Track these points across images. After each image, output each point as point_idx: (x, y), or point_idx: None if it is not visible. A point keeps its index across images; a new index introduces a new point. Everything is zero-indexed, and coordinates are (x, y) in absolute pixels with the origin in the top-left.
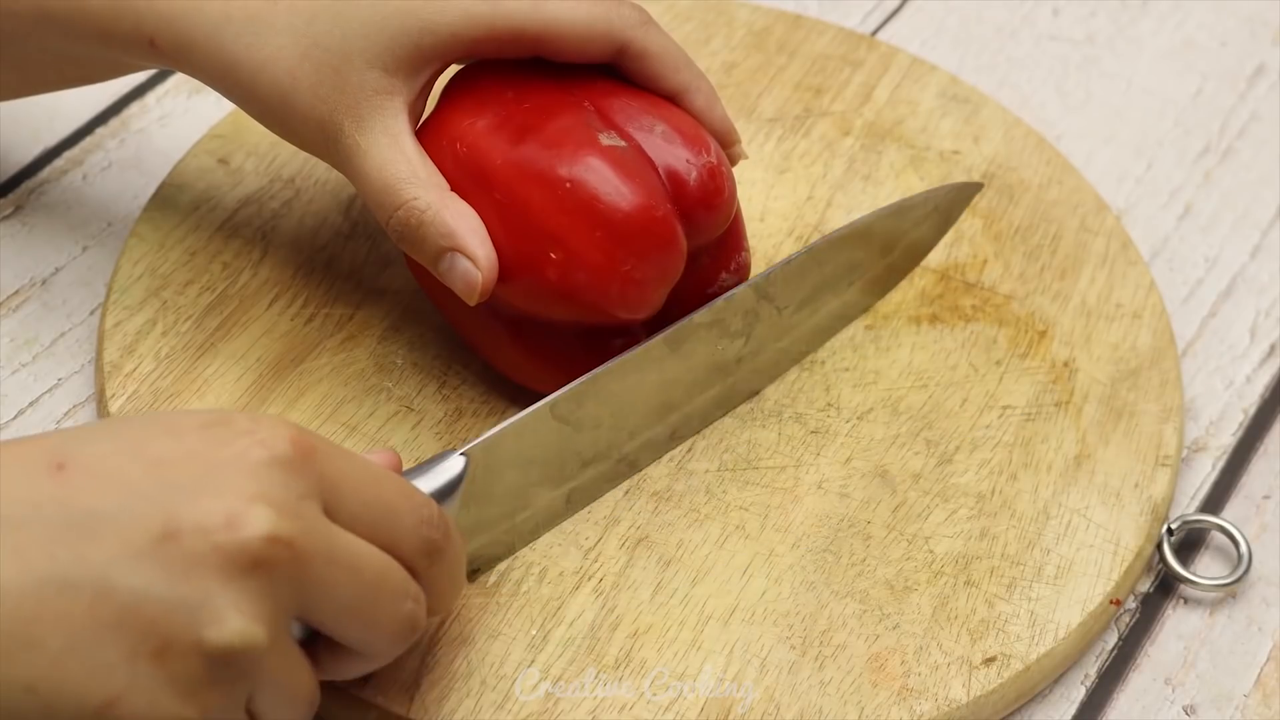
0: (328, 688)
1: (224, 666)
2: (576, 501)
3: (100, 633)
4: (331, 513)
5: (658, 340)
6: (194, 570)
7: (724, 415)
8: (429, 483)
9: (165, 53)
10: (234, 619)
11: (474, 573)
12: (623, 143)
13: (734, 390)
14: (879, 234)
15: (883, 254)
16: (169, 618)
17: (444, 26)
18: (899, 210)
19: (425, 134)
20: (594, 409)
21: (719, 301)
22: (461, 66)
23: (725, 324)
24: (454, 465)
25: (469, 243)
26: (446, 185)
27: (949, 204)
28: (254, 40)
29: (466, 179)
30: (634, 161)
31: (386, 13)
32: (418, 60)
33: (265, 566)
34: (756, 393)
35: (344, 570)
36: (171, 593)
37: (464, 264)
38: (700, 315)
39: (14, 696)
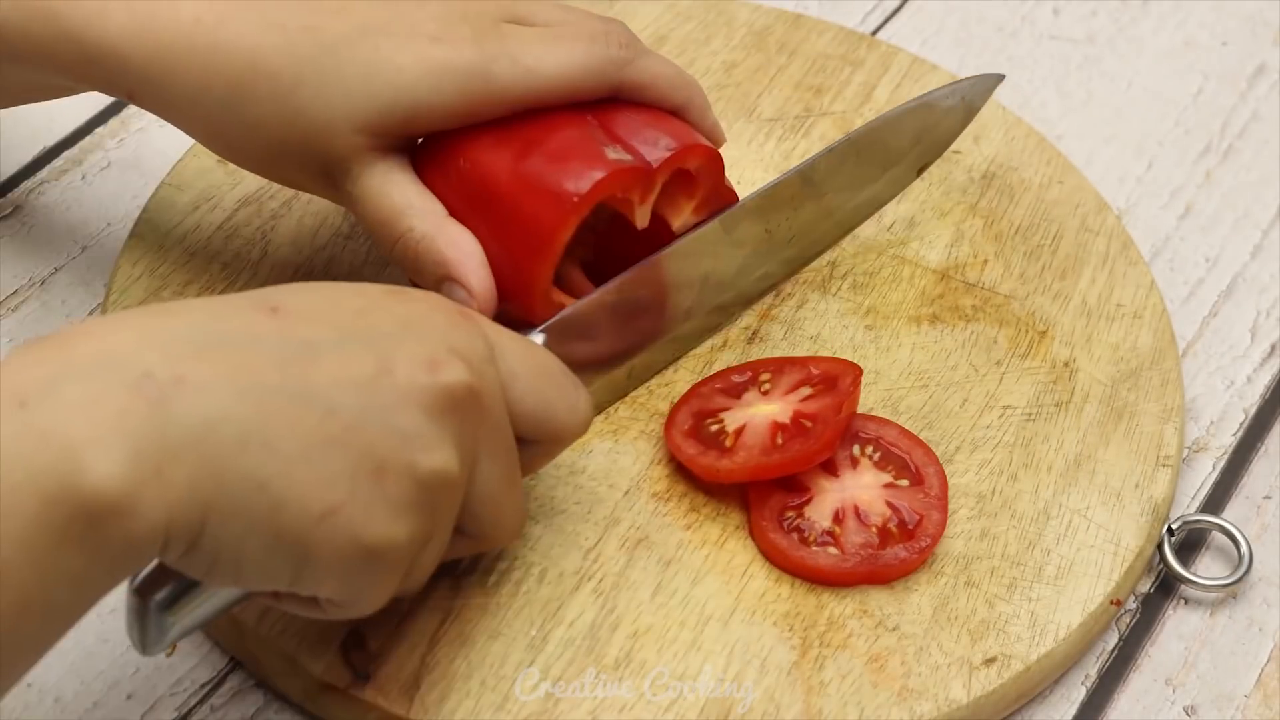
0: (329, 688)
1: (429, 491)
2: (637, 377)
3: (328, 447)
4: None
5: (714, 224)
6: (405, 405)
7: (770, 292)
8: None
9: (146, 106)
10: (441, 448)
11: None
12: (628, 156)
13: (778, 267)
14: (910, 125)
15: (913, 143)
16: (386, 442)
17: (439, 107)
18: (927, 103)
19: (427, 150)
20: (650, 294)
21: (767, 187)
22: None
23: (773, 207)
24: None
25: (462, 273)
26: (444, 212)
27: (973, 95)
28: (238, 107)
29: (469, 194)
30: (638, 175)
31: (375, 87)
32: (407, 131)
33: (460, 411)
34: (799, 269)
35: (504, 445)
36: (388, 422)
37: (460, 293)
38: (750, 200)
39: (247, 491)
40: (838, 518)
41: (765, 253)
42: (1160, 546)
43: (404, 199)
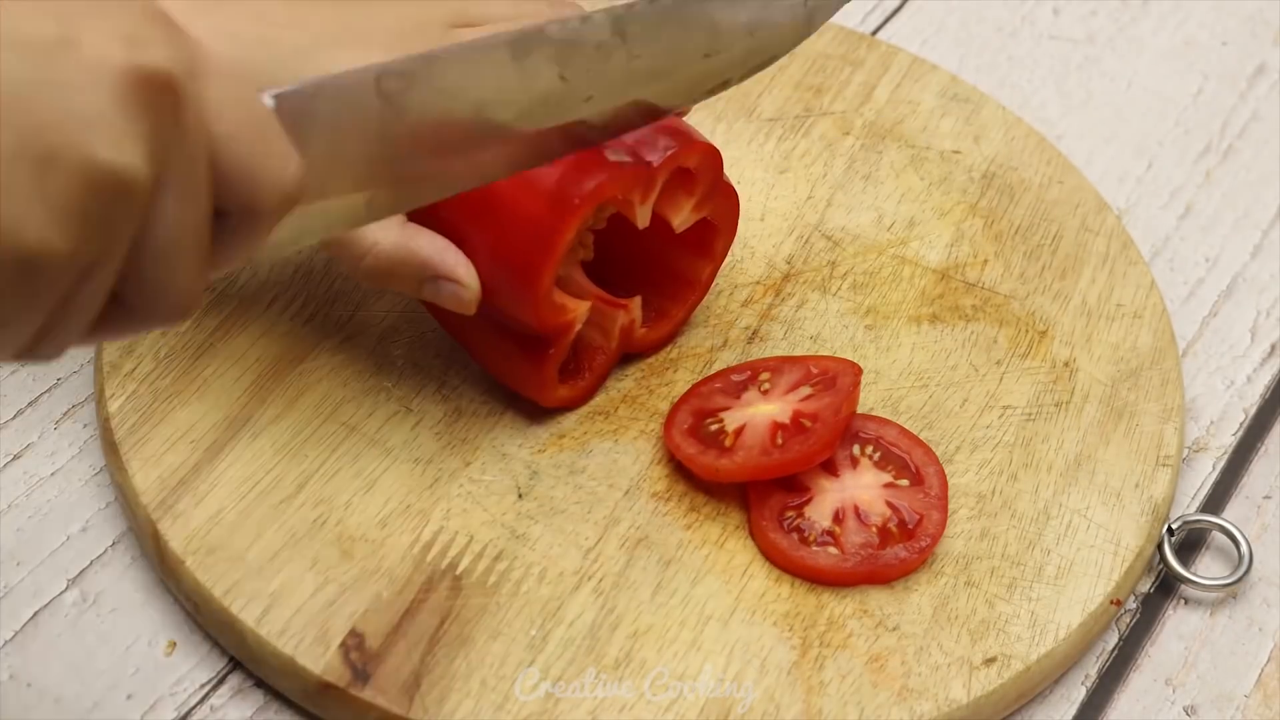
0: (330, 688)
1: (103, 199)
2: (375, 209)
3: None
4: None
5: (504, 40)
6: (91, 84)
7: (537, 166)
8: None
9: None
10: (127, 144)
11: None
12: (628, 157)
13: (562, 137)
14: (745, 7)
15: (746, 33)
16: (59, 125)
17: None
18: None
19: None
20: (421, 98)
21: (575, 20)
22: None
23: (575, 52)
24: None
25: (448, 267)
26: (401, 218)
27: (816, 5)
28: None
29: (467, 198)
30: (639, 176)
31: None
32: None
33: (157, 108)
34: (591, 141)
35: (198, 186)
36: (65, 101)
37: (449, 288)
38: (553, 28)
39: None
40: (838, 517)
41: (556, 105)
42: (1160, 546)
43: None
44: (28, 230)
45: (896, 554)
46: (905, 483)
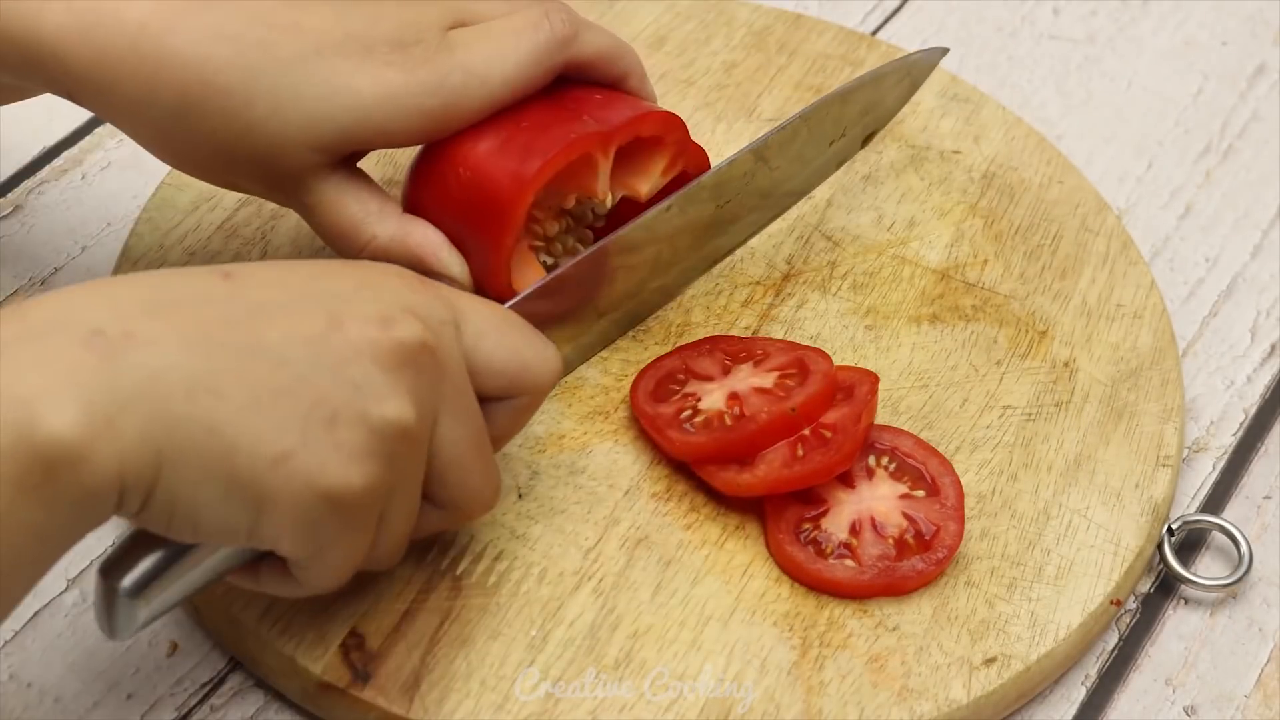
0: (330, 688)
1: (384, 440)
2: (582, 353)
3: (278, 395)
4: (467, 350)
5: (671, 208)
6: (357, 358)
7: (705, 272)
8: None
9: (87, 108)
10: (393, 398)
11: None
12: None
13: (727, 239)
14: (858, 100)
15: (861, 114)
16: (338, 392)
17: (399, 130)
18: (875, 79)
19: (425, 160)
20: (602, 273)
21: (723, 165)
22: None
23: (726, 184)
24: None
25: (440, 264)
26: (398, 210)
27: (919, 70)
28: (185, 118)
29: (470, 201)
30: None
31: (333, 110)
32: (365, 149)
33: (414, 366)
34: (733, 250)
35: (467, 408)
36: (339, 374)
37: (442, 282)
38: (707, 178)
39: (198, 436)
40: (854, 529)
41: (714, 225)
42: (1160, 546)
43: (360, 207)
44: (329, 473)
45: (914, 565)
46: (921, 493)
